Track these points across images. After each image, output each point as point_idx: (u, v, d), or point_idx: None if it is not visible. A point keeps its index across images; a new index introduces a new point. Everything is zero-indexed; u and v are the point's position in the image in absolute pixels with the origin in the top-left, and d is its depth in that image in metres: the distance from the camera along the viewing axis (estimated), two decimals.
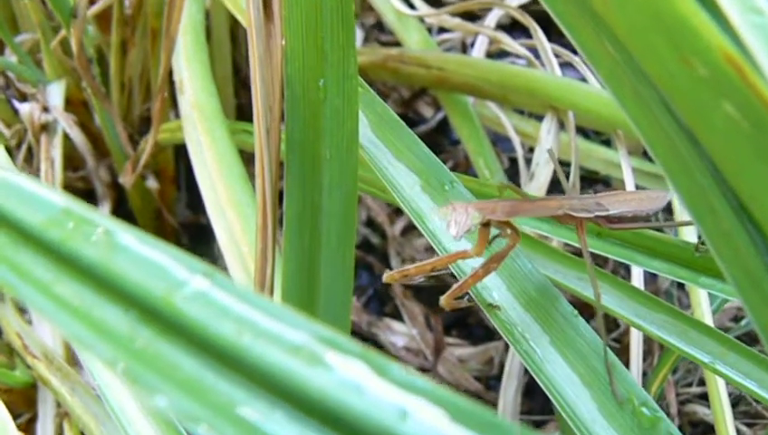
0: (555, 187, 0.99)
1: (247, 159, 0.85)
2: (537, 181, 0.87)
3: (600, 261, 1.04)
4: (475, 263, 0.51)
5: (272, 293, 0.54)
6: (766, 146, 0.30)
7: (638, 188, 0.89)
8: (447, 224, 0.48)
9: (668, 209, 0.99)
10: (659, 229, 0.58)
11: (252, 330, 0.23)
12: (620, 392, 0.47)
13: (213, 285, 0.25)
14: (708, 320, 0.74)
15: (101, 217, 0.29)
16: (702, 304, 0.73)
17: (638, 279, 0.78)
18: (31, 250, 0.28)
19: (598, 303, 0.51)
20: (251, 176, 0.80)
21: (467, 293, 0.52)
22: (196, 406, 0.23)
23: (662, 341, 0.55)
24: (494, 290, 0.52)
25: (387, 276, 0.52)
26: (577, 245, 0.59)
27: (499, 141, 1.22)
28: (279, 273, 0.55)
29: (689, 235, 0.77)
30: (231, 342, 0.23)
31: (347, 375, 0.22)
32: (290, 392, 0.23)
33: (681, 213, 0.81)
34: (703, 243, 0.56)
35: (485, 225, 0.50)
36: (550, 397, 0.48)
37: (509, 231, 0.51)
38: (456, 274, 0.54)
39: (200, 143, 0.79)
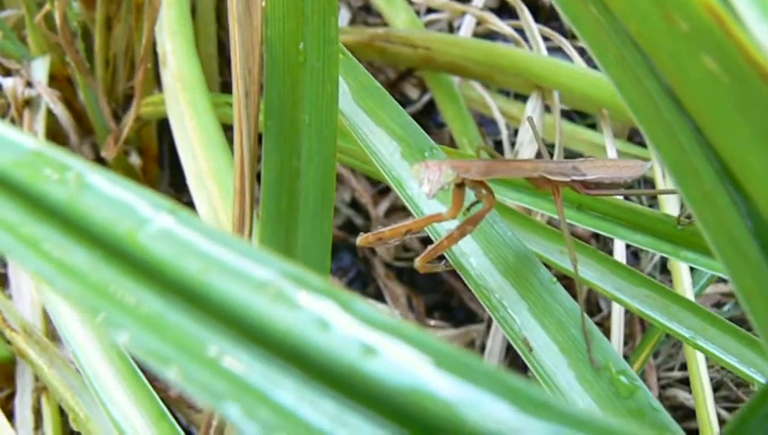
0: None
1: (230, 131, 0.84)
2: None
3: (586, 239, 1.03)
4: (451, 225, 0.51)
5: None
6: (746, 101, 0.29)
7: None
8: (420, 182, 0.47)
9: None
10: (640, 201, 0.58)
11: (216, 267, 0.23)
12: (597, 360, 0.47)
13: (177, 221, 0.24)
14: (690, 296, 0.73)
15: (72, 158, 0.28)
16: (684, 281, 0.73)
17: (620, 253, 0.77)
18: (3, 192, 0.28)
19: (575, 269, 0.50)
20: (232, 148, 0.79)
21: (444, 257, 0.52)
22: (159, 343, 0.22)
23: (643, 315, 0.55)
24: (472, 256, 0.52)
25: (361, 239, 0.51)
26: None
27: (485, 123, 1.22)
28: (256, 240, 0.54)
29: (671, 208, 0.77)
30: (195, 278, 0.23)
31: (313, 312, 0.22)
32: (255, 329, 0.22)
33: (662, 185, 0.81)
34: (688, 216, 0.56)
35: (460, 186, 0.49)
36: (527, 364, 0.47)
37: (484, 192, 0.50)
38: (432, 238, 0.53)
39: (182, 114, 0.78)
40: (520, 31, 1.06)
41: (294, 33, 0.50)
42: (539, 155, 0.81)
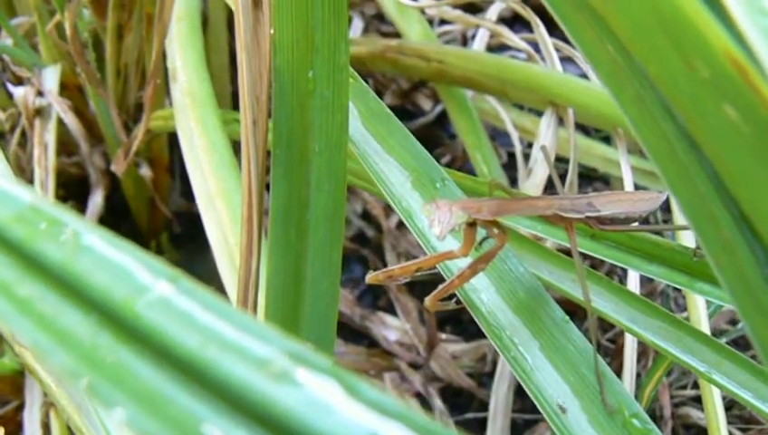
0: (554, 184, 0.98)
1: (239, 149, 0.83)
2: (534, 178, 0.86)
3: (595, 262, 1.02)
4: (463, 263, 0.50)
5: (256, 289, 0.52)
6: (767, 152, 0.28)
7: (636, 186, 0.87)
8: (430, 223, 0.46)
9: (667, 209, 0.98)
10: (656, 232, 0.57)
11: (217, 341, 0.22)
12: (611, 403, 0.46)
13: (178, 291, 0.23)
14: (704, 323, 0.72)
15: (69, 215, 0.27)
16: (698, 307, 0.72)
17: (634, 282, 0.76)
18: None
19: (588, 306, 0.49)
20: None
21: (455, 294, 0.51)
22: (155, 421, 0.21)
23: (657, 347, 0.54)
24: (483, 292, 0.51)
25: (371, 277, 0.50)
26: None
27: (497, 136, 1.21)
28: (264, 268, 0.53)
29: (687, 239, 0.76)
30: (195, 353, 0.22)
31: (316, 394, 0.21)
32: (255, 409, 0.21)
33: (679, 215, 0.80)
34: (701, 247, 0.55)
35: (471, 225, 0.49)
36: (537, 406, 0.46)
37: (496, 231, 0.50)
38: (443, 274, 0.53)
39: (191, 131, 0.78)
40: (533, 43, 1.05)
41: (303, 61, 0.49)
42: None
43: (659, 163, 0.35)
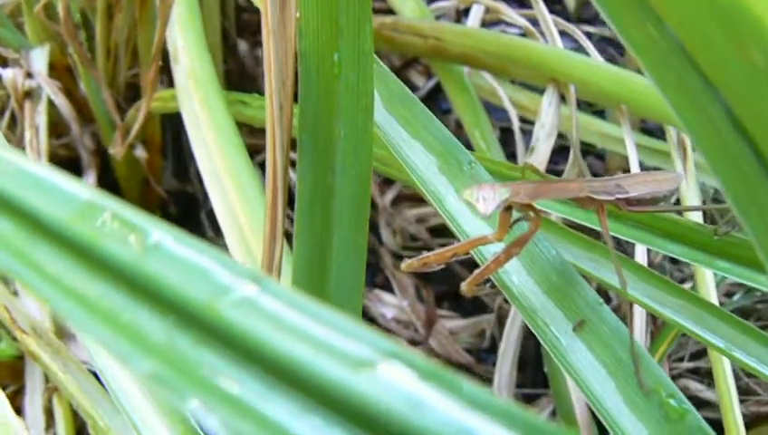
0: (553, 160, 0.97)
1: (243, 131, 0.83)
2: (537, 156, 0.85)
3: (597, 235, 1.02)
4: (497, 247, 0.50)
5: (279, 274, 0.52)
6: None
7: (640, 163, 0.87)
8: (476, 201, 0.46)
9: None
10: (678, 213, 0.57)
11: (309, 342, 0.22)
12: (646, 383, 0.46)
13: (262, 291, 0.23)
14: (713, 296, 0.72)
15: (132, 212, 0.27)
16: (708, 284, 0.72)
17: (641, 256, 0.76)
18: (55, 248, 0.26)
19: (623, 290, 0.49)
20: (248, 148, 0.78)
21: (489, 279, 0.51)
22: (249, 424, 0.21)
23: (677, 325, 0.54)
24: (515, 274, 0.51)
25: (405, 265, 0.50)
26: (584, 223, 0.58)
27: (492, 110, 1.20)
28: (287, 254, 0.53)
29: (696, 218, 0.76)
30: (286, 354, 0.22)
31: (412, 391, 0.21)
32: (351, 409, 0.21)
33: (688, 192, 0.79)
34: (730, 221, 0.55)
35: (507, 209, 0.48)
36: (578, 387, 0.46)
37: (531, 214, 0.50)
38: (477, 259, 0.52)
39: (196, 114, 0.77)
40: (530, 18, 1.04)
41: (329, 45, 0.48)
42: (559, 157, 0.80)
43: (705, 150, 0.35)
